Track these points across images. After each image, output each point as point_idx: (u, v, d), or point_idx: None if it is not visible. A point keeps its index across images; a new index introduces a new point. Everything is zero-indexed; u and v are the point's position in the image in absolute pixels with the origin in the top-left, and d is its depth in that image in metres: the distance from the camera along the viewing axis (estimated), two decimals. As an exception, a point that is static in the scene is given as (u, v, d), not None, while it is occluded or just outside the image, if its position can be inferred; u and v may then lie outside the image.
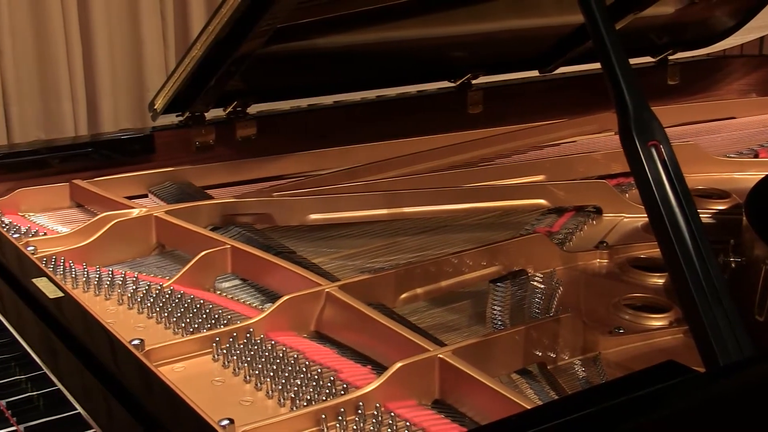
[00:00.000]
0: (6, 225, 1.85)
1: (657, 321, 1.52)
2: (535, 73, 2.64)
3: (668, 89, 2.83)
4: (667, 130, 1.21)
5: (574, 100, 2.60)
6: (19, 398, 1.43)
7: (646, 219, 1.89)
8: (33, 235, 1.81)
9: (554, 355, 1.40)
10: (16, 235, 1.77)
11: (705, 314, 1.11)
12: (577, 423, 1.02)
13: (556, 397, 1.28)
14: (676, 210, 1.16)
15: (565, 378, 1.35)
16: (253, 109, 2.24)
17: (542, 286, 1.62)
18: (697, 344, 1.11)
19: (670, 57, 2.85)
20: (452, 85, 2.51)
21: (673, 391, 1.07)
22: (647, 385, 1.07)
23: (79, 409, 1.16)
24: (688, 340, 1.36)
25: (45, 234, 1.83)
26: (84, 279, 1.63)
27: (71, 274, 1.64)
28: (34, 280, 1.45)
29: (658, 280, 1.68)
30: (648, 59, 2.85)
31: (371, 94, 2.45)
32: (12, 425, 1.41)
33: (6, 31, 4.83)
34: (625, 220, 1.99)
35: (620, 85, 1.22)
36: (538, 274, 1.66)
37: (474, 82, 2.51)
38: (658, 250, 1.18)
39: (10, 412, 1.43)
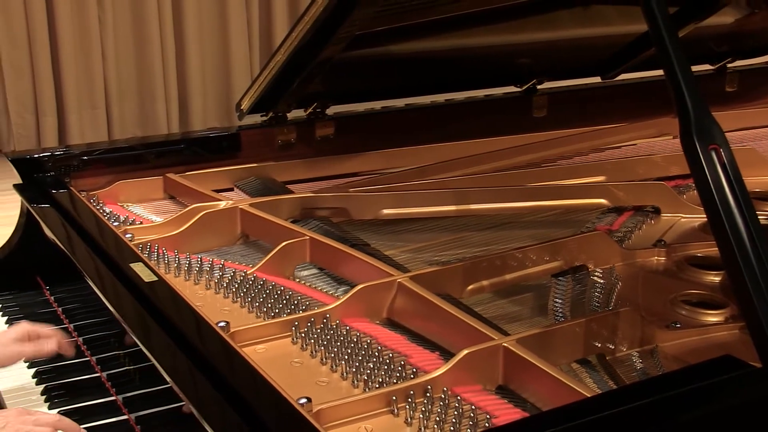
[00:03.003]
0: (107, 214, 1.89)
1: (713, 317, 1.48)
2: (597, 79, 2.60)
3: (726, 96, 2.75)
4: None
5: (634, 105, 2.55)
6: (117, 371, 1.47)
7: (703, 219, 1.86)
8: (130, 224, 1.85)
9: (613, 347, 1.37)
10: (115, 224, 1.81)
11: (762, 311, 1.08)
12: (636, 412, 1.00)
13: (615, 387, 1.26)
14: (735, 211, 1.13)
15: (623, 369, 1.32)
16: (332, 110, 2.25)
17: (602, 281, 1.59)
18: (753, 340, 1.08)
19: (729, 65, 2.77)
20: (518, 89, 2.49)
21: (730, 385, 1.04)
22: (705, 377, 1.05)
23: (171, 383, 1.17)
24: (744, 336, 1.32)
25: (141, 223, 1.87)
26: (175, 265, 1.66)
27: (164, 260, 1.67)
28: (131, 265, 1.48)
29: (714, 277, 1.64)
30: (706, 67, 2.77)
31: (441, 97, 2.44)
32: (111, 395, 1.44)
33: (110, 39, 4.96)
34: (683, 220, 1.95)
35: (682, 91, 1.19)
36: (598, 270, 1.63)
37: (539, 87, 2.48)
38: (715, 249, 1.15)
39: (110, 383, 1.47)
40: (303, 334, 1.38)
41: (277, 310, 1.47)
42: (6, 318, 1.77)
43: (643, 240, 1.83)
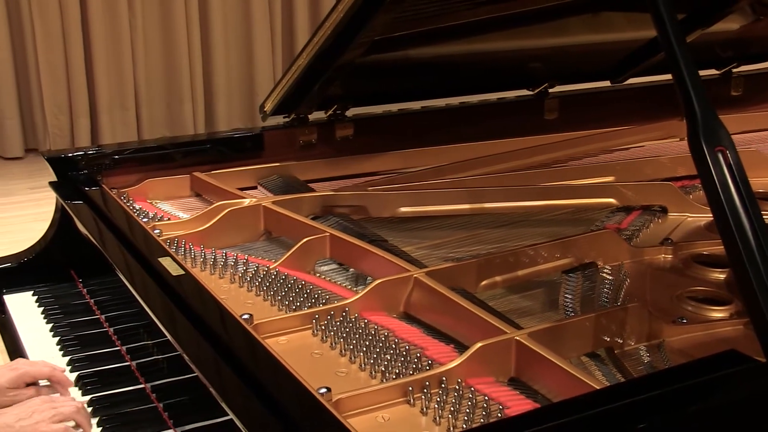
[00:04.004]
0: (136, 210, 1.90)
1: (718, 313, 1.47)
2: (607, 83, 2.58)
3: (732, 100, 2.72)
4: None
5: (642, 108, 2.53)
6: (146, 360, 1.48)
7: (709, 218, 1.85)
8: (159, 220, 1.85)
9: (621, 341, 1.36)
10: (144, 220, 1.81)
11: (766, 308, 1.07)
12: (643, 404, 0.99)
13: (623, 379, 1.25)
14: (741, 211, 1.12)
15: (631, 362, 1.31)
16: (351, 112, 2.25)
17: (611, 278, 1.58)
18: (758, 336, 1.07)
19: (734, 70, 2.75)
20: (530, 93, 2.48)
21: (734, 378, 1.04)
22: (710, 371, 1.04)
23: (197, 373, 1.18)
24: (748, 331, 1.31)
25: (169, 219, 1.88)
26: (201, 259, 1.66)
27: (190, 254, 1.68)
28: (159, 259, 1.48)
29: (719, 275, 1.62)
30: (713, 71, 2.75)
31: (456, 100, 2.43)
32: (141, 383, 1.45)
33: (140, 44, 4.99)
34: (689, 219, 1.93)
35: (690, 95, 1.18)
36: (607, 267, 1.63)
37: (551, 90, 2.47)
38: (720, 247, 1.15)
39: (139, 372, 1.48)
40: (323, 327, 1.38)
41: (298, 304, 1.47)
42: (42, 308, 1.78)
43: (651, 238, 1.82)
